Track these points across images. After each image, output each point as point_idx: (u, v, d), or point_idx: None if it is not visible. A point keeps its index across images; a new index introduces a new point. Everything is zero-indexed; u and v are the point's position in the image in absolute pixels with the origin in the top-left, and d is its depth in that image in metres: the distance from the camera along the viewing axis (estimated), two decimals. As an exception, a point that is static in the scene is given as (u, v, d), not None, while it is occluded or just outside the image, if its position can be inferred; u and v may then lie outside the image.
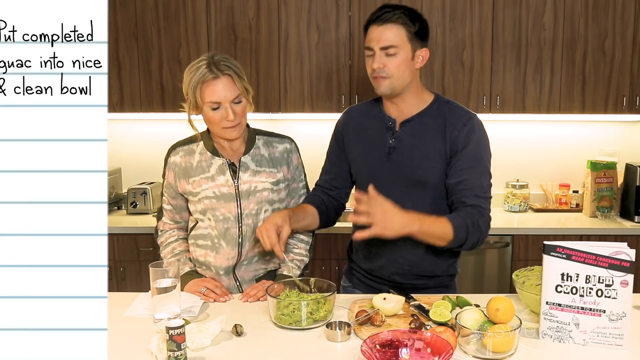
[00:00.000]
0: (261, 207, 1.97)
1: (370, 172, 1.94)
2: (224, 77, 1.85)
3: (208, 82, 1.84)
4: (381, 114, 1.97)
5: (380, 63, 1.82)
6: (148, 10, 3.44)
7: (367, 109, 2.05)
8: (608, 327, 1.50)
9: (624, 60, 3.44)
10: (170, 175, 2.01)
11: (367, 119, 2.01)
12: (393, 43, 1.81)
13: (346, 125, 2.05)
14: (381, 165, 1.92)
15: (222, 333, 1.58)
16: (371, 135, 1.97)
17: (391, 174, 1.91)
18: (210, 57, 1.88)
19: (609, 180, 3.56)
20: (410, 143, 1.89)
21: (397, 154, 1.90)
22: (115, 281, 3.34)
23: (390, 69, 1.82)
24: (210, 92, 1.85)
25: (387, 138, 1.92)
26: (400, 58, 1.82)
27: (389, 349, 1.41)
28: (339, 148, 2.07)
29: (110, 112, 3.51)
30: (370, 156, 1.95)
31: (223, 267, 1.99)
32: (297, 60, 3.46)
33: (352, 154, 2.02)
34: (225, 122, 1.88)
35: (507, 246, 3.29)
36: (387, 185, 1.86)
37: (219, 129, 1.90)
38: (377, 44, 1.82)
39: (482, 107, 3.47)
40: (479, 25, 3.43)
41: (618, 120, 3.76)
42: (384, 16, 1.81)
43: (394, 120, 1.93)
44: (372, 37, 1.83)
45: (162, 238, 2.10)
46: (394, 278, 1.98)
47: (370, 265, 2.03)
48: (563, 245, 1.52)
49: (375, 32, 1.82)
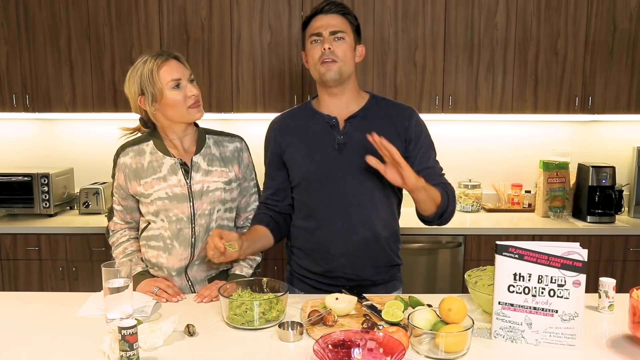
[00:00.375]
0: (214, 206, 1.97)
1: (320, 170, 1.94)
2: (173, 59, 1.93)
3: (161, 65, 1.90)
4: (318, 115, 1.98)
5: (329, 44, 1.87)
6: (100, 9, 3.43)
7: (297, 113, 2.06)
8: (560, 327, 1.50)
9: (576, 60, 3.45)
10: (121, 176, 2.00)
11: (302, 121, 2.01)
12: (341, 29, 1.90)
13: (281, 134, 2.02)
14: (332, 162, 1.93)
15: (175, 333, 1.59)
16: (314, 135, 1.97)
17: (343, 169, 1.92)
18: (148, 54, 1.94)
19: (561, 180, 3.58)
20: (359, 137, 1.90)
21: (349, 150, 1.92)
22: (67, 281, 3.34)
23: (339, 53, 1.88)
24: (167, 70, 1.90)
25: (334, 135, 1.94)
26: (347, 44, 1.91)
27: (341, 349, 1.41)
28: (276, 159, 2.04)
29: (62, 112, 3.52)
30: (319, 155, 1.94)
31: (175, 267, 1.98)
32: (249, 60, 3.46)
33: (295, 158, 1.99)
34: (189, 100, 1.90)
35: (459, 246, 3.30)
36: (341, 180, 1.92)
37: (185, 110, 1.91)
38: (325, 29, 1.89)
39: (434, 107, 3.47)
40: (432, 25, 3.43)
41: (570, 120, 3.78)
42: (328, 7, 1.91)
43: (334, 118, 1.95)
44: (320, 24, 1.90)
45: (114, 238, 2.09)
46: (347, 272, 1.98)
47: (325, 265, 2.00)
48: (515, 245, 1.53)
49: (323, 20, 1.90)
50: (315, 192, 1.96)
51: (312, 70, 1.95)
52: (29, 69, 3.48)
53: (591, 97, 3.47)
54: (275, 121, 2.09)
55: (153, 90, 1.89)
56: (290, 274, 2.14)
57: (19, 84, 3.49)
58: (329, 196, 1.94)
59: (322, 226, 1.97)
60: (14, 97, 3.50)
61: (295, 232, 2.06)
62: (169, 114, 1.93)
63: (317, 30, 1.90)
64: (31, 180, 3.46)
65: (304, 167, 1.97)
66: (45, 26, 3.44)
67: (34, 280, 3.34)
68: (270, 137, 2.07)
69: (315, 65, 1.91)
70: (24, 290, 3.30)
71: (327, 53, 1.87)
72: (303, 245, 2.04)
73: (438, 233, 3.26)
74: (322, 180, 1.94)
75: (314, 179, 1.95)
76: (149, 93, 1.90)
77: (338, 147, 1.92)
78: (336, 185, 1.93)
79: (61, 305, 1.82)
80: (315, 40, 1.90)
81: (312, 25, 1.92)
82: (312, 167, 1.96)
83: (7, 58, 3.47)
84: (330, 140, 1.94)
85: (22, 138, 3.87)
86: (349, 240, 1.95)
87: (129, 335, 1.38)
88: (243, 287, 1.78)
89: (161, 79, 1.88)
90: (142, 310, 1.76)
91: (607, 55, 3.45)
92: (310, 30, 1.93)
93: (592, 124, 3.82)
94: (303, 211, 2.02)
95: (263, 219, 2.04)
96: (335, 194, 1.93)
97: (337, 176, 1.93)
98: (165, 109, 1.92)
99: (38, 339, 1.58)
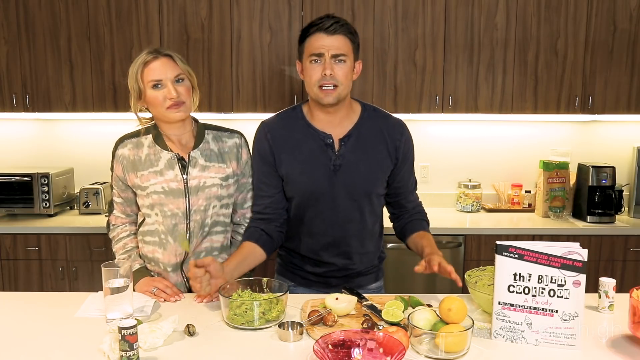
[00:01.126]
0: (210, 202, 1.97)
1: (315, 189, 1.95)
2: (163, 57, 1.92)
3: (147, 63, 1.91)
4: (312, 130, 1.95)
5: (331, 69, 1.82)
6: (100, 9, 3.42)
7: (289, 123, 2.00)
8: (560, 327, 1.51)
9: (576, 60, 3.45)
10: (119, 168, 2.01)
11: (296, 134, 1.97)
12: (344, 51, 1.85)
13: (276, 146, 1.97)
14: (327, 182, 1.94)
15: (175, 333, 1.59)
16: (309, 153, 1.95)
17: (339, 189, 1.95)
18: (148, 49, 1.95)
19: (561, 180, 3.58)
20: (354, 159, 1.94)
21: (344, 171, 1.94)
22: (67, 281, 3.34)
23: (340, 77, 1.84)
24: (150, 70, 1.90)
25: (330, 155, 1.93)
26: (348, 67, 1.86)
27: (341, 349, 1.41)
28: (269, 169, 2.00)
29: (62, 112, 3.52)
30: (314, 175, 1.94)
31: (171, 263, 1.99)
32: (249, 61, 3.46)
33: (290, 174, 1.97)
34: (167, 102, 1.89)
35: (459, 246, 3.30)
36: (335, 200, 1.96)
37: (163, 110, 1.91)
38: (328, 51, 1.83)
39: (434, 107, 3.47)
40: (432, 25, 3.43)
41: (570, 120, 3.78)
42: (332, 27, 1.82)
43: (329, 136, 1.94)
44: (323, 44, 1.83)
45: (114, 232, 2.10)
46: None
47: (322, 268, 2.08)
48: (515, 245, 1.53)
49: (327, 40, 1.83)
50: (309, 208, 1.99)
51: (309, 89, 1.90)
52: (29, 69, 3.48)
53: (591, 97, 3.47)
54: (268, 130, 2.00)
55: (137, 88, 1.91)
56: (280, 266, 2.19)
57: (19, 84, 3.49)
58: (323, 213, 1.98)
59: (314, 237, 2.03)
60: (14, 97, 3.50)
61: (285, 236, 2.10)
62: (152, 112, 1.97)
63: (318, 51, 1.83)
64: (31, 180, 3.46)
65: (300, 184, 1.97)
66: (45, 26, 3.44)
67: (34, 280, 3.34)
68: (264, 147, 1.99)
69: (313, 86, 1.86)
70: (24, 290, 3.30)
71: (327, 78, 1.83)
72: (294, 248, 2.09)
73: (438, 233, 3.25)
74: (318, 198, 1.96)
75: (309, 196, 1.97)
76: (134, 90, 1.93)
77: (334, 168, 1.93)
78: (330, 203, 1.96)
79: (61, 305, 1.83)
80: (316, 60, 1.85)
81: (314, 44, 1.84)
82: (309, 185, 1.96)
83: (7, 58, 3.47)
84: (326, 160, 1.94)
85: (22, 138, 3.87)
86: (340, 250, 2.03)
87: (129, 335, 1.38)
88: (243, 287, 1.78)
89: (143, 77, 1.90)
90: (142, 310, 1.77)
91: (607, 55, 3.45)
92: (310, 49, 1.85)
93: (592, 124, 3.82)
94: (295, 221, 2.04)
95: (253, 234, 1.99)
96: (329, 211, 1.97)
97: (332, 195, 1.95)
98: (149, 107, 1.96)
99: (38, 339, 1.58)
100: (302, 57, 1.92)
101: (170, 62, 1.91)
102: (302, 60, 1.91)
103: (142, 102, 1.95)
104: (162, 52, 1.92)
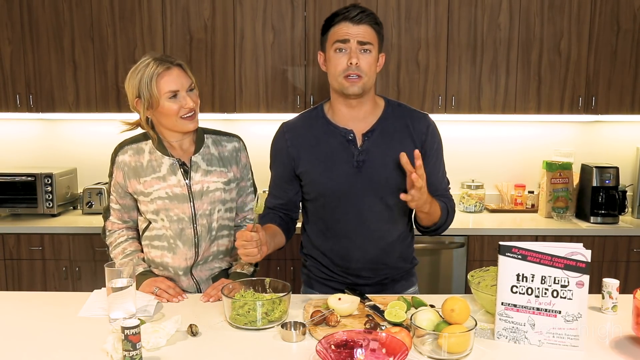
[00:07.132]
0: (214, 207, 1.98)
1: (339, 187, 1.87)
2: (176, 67, 1.91)
3: (162, 74, 1.88)
4: (332, 127, 1.90)
5: (357, 58, 1.77)
6: (104, 10, 3.43)
7: (309, 122, 1.95)
8: (564, 328, 1.50)
9: (580, 60, 3.45)
10: (119, 174, 2.00)
11: (316, 132, 1.91)
12: (370, 40, 1.80)
13: (294, 146, 1.92)
14: (352, 179, 1.86)
15: (178, 333, 1.59)
16: (330, 151, 1.88)
17: (364, 186, 1.86)
18: (152, 56, 1.92)
19: (565, 180, 3.57)
20: (379, 154, 1.85)
21: (368, 166, 1.85)
22: (70, 281, 3.34)
23: (364, 67, 1.79)
24: (167, 81, 1.88)
25: (352, 151, 1.86)
26: (373, 57, 1.82)
27: (344, 349, 1.41)
28: (288, 172, 1.95)
29: (65, 112, 3.53)
30: (337, 173, 1.87)
31: (182, 267, 1.99)
32: (252, 61, 3.46)
33: (310, 173, 1.91)
34: (183, 111, 1.89)
35: (462, 247, 3.30)
36: (360, 198, 1.87)
37: (178, 120, 1.90)
38: (354, 38, 1.78)
39: (437, 108, 3.47)
40: (435, 25, 3.43)
41: (573, 120, 3.77)
42: (358, 16, 1.78)
43: (351, 132, 1.87)
44: (349, 31, 1.78)
45: (112, 238, 2.09)
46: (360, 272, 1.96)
47: (337, 261, 1.98)
48: (518, 245, 1.52)
49: (352, 29, 1.78)
50: (334, 209, 1.90)
51: (332, 79, 1.84)
52: (32, 69, 3.49)
53: (595, 97, 3.47)
54: (286, 130, 1.96)
55: (150, 97, 1.88)
56: (307, 277, 2.09)
57: (22, 84, 3.50)
58: (348, 213, 1.89)
59: (340, 241, 1.94)
60: (17, 97, 3.51)
61: (309, 242, 2.02)
62: (163, 122, 1.94)
63: (344, 37, 1.78)
64: (35, 180, 3.46)
65: (321, 183, 1.90)
66: (49, 27, 3.45)
67: (37, 280, 3.35)
68: (281, 148, 1.95)
69: (337, 76, 1.81)
70: (28, 289, 3.31)
71: (353, 68, 1.78)
72: (318, 255, 2.00)
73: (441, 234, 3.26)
74: (341, 197, 1.88)
75: (332, 196, 1.89)
76: (145, 99, 1.89)
77: (357, 165, 1.86)
78: (355, 202, 1.87)
79: (64, 305, 1.83)
80: (341, 48, 1.79)
81: (339, 31, 1.79)
82: (331, 184, 1.88)
83: (11, 58, 3.48)
84: (348, 157, 1.86)
85: (26, 138, 3.88)
86: (367, 253, 1.93)
87: (132, 335, 1.39)
88: (246, 287, 1.78)
89: (159, 89, 1.87)
90: (145, 309, 1.77)
91: (610, 56, 3.44)
92: (335, 35, 1.79)
93: (596, 125, 3.81)
94: (319, 224, 1.97)
95: (274, 218, 1.98)
96: (354, 211, 1.88)
97: (357, 193, 1.86)
98: (160, 117, 1.93)
99: (41, 338, 1.58)
100: (324, 47, 1.86)
101: (182, 71, 1.91)
102: (325, 50, 1.85)
103: (151, 112, 1.92)
104: (173, 61, 1.91)
